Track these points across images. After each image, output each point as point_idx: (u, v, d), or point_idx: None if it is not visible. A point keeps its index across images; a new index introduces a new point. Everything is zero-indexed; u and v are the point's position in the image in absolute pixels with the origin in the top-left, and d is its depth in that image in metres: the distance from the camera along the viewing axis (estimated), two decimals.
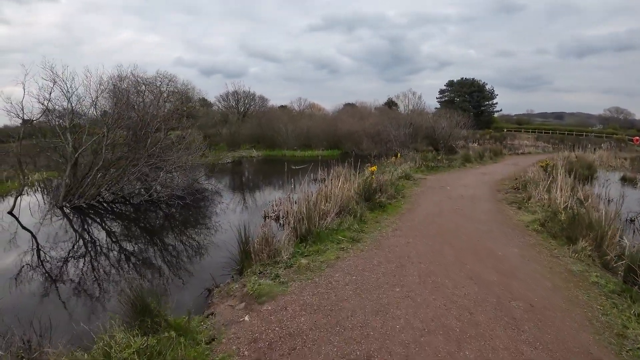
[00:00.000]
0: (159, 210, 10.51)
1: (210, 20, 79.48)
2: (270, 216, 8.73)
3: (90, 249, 7.21)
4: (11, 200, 10.27)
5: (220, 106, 36.83)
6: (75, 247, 7.34)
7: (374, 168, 9.03)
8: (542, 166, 13.68)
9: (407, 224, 7.11)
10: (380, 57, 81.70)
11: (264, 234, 5.11)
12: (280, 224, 8.13)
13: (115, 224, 9.27)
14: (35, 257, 6.72)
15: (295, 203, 8.77)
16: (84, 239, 7.90)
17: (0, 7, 58.82)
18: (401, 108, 34.92)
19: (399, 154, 15.99)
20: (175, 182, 11.75)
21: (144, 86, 25.54)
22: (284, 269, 4.78)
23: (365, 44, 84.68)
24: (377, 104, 39.60)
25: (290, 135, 28.75)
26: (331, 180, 9.94)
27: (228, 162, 22.88)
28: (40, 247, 7.25)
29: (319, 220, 6.40)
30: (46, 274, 5.89)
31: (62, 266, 6.24)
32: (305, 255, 5.20)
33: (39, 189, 13.01)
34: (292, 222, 6.30)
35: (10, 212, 9.51)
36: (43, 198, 11.87)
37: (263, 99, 37.09)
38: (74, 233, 8.29)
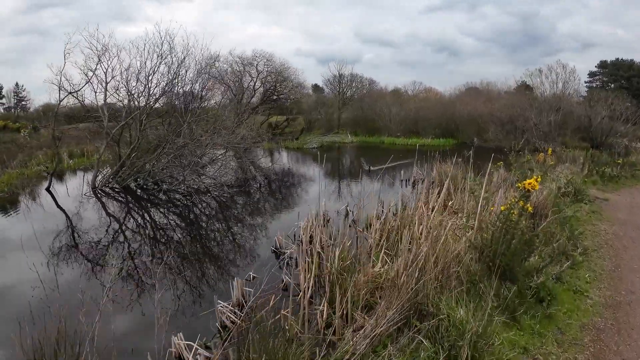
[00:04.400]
0: (185, 203, 8.71)
1: (327, 10, 77.70)
2: (284, 252, 4.90)
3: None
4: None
5: (327, 90, 33.86)
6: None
7: (536, 182, 3.46)
8: None
9: None
10: (510, 36, 67.53)
11: None
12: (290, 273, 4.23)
13: (130, 211, 8.06)
14: None
15: (332, 237, 4.77)
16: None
17: (144, 7, 67.87)
18: (545, 86, 25.69)
19: (550, 150, 10.10)
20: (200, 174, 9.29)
21: (243, 67, 24.26)
22: None
23: (490, 22, 71.35)
24: (506, 88, 30.43)
25: (393, 118, 23.92)
26: (425, 192, 5.57)
27: (314, 148, 19.67)
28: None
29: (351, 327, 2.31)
30: None
31: None
32: None
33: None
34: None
35: (48, 189, 9.60)
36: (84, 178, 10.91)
37: (371, 82, 32.45)
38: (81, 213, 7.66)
